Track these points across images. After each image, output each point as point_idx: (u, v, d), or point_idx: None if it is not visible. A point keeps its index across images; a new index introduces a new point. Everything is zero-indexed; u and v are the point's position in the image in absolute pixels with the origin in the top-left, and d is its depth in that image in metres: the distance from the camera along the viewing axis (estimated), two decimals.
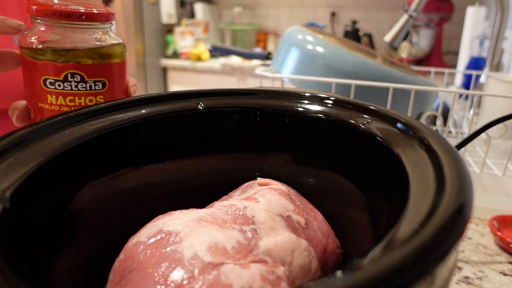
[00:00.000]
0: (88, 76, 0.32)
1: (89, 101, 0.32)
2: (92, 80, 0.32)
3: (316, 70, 0.60)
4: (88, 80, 0.32)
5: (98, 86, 0.32)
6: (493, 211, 0.49)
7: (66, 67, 0.31)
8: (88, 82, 0.32)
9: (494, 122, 0.45)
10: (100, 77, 0.32)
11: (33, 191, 0.21)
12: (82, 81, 0.31)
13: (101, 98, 0.33)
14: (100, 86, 0.32)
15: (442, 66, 1.93)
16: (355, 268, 0.13)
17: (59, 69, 0.31)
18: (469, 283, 0.36)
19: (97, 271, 0.24)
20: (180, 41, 2.33)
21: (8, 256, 0.16)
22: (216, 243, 0.21)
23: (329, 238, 0.28)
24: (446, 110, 0.86)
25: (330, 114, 0.30)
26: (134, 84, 0.37)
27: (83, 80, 0.31)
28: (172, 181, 0.32)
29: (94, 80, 0.32)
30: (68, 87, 0.31)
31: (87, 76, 0.32)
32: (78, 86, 0.31)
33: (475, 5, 1.26)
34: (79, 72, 0.31)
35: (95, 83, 0.32)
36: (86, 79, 0.31)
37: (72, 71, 0.31)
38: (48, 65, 0.31)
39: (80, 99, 0.32)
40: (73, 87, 0.31)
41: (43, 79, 0.31)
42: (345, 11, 2.38)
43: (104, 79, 0.32)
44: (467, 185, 0.17)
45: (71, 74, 0.31)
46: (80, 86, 0.31)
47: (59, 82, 0.31)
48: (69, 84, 0.31)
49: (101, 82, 0.32)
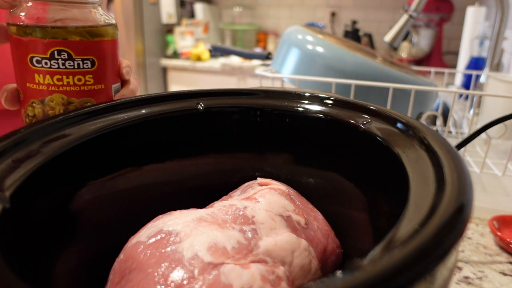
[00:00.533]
0: (76, 54, 0.31)
1: (77, 80, 0.31)
2: (80, 58, 0.31)
3: (316, 70, 0.60)
4: (76, 58, 0.31)
5: (86, 64, 0.31)
6: (493, 211, 0.49)
7: (52, 43, 0.30)
8: (76, 60, 0.31)
9: (494, 122, 0.45)
10: (89, 55, 0.31)
11: (33, 191, 0.21)
12: (69, 59, 0.30)
13: (90, 78, 0.32)
14: (88, 64, 0.31)
15: (442, 66, 1.93)
16: (355, 268, 0.13)
17: (45, 46, 0.30)
18: (469, 283, 0.36)
19: (97, 271, 0.24)
20: (180, 41, 2.33)
21: (8, 256, 0.16)
22: (216, 243, 0.21)
23: (329, 238, 0.28)
24: (446, 110, 0.86)
25: (330, 114, 0.30)
26: (127, 65, 0.35)
27: (71, 58, 0.30)
28: (172, 181, 0.32)
29: (82, 58, 0.31)
30: (55, 65, 0.30)
31: (75, 53, 0.30)
32: (66, 64, 0.30)
33: (475, 5, 1.26)
34: (66, 49, 0.30)
35: (83, 61, 0.31)
36: (74, 56, 0.30)
37: (58, 48, 0.30)
38: (35, 42, 0.30)
39: (68, 78, 0.31)
40: (60, 65, 0.30)
41: (30, 57, 0.30)
42: (345, 11, 2.38)
43: (93, 57, 0.31)
44: (467, 185, 0.17)
45: (57, 51, 0.30)
46: (67, 64, 0.30)
47: (46, 60, 0.30)
48: (56, 62, 0.30)
49: (90, 61, 0.31)
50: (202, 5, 2.55)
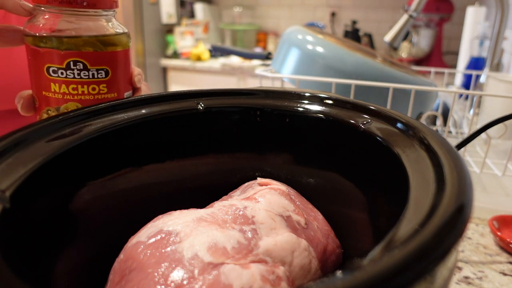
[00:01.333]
0: (91, 64, 0.32)
1: (92, 90, 0.32)
2: (94, 68, 0.32)
3: (316, 70, 0.60)
4: (90, 68, 0.32)
5: (101, 74, 0.32)
6: (493, 211, 0.49)
7: (68, 54, 0.31)
8: (91, 70, 0.32)
9: (494, 122, 0.45)
10: (103, 65, 0.32)
11: (33, 191, 0.21)
12: (84, 69, 0.31)
13: (104, 87, 0.33)
14: (103, 74, 0.32)
15: (442, 66, 1.93)
16: (355, 268, 0.13)
17: (62, 56, 0.31)
18: (469, 283, 0.36)
19: (97, 271, 0.24)
20: (180, 41, 2.33)
21: (8, 256, 0.16)
22: (216, 243, 0.21)
23: (329, 238, 0.28)
24: (446, 110, 0.86)
25: (330, 114, 0.30)
26: (139, 73, 0.36)
27: (86, 68, 0.31)
28: (172, 181, 0.32)
29: (97, 68, 0.32)
30: (71, 75, 0.31)
31: (90, 64, 0.32)
32: (81, 74, 0.31)
33: (475, 5, 1.26)
34: (82, 60, 0.31)
35: (98, 71, 0.32)
36: (89, 67, 0.31)
37: (74, 58, 0.31)
38: (51, 53, 0.31)
39: (83, 88, 0.32)
40: (75, 75, 0.31)
41: (46, 67, 0.31)
42: (345, 11, 2.38)
43: (107, 67, 0.32)
44: (467, 185, 0.17)
45: (73, 62, 0.31)
46: (82, 74, 0.31)
47: (62, 70, 0.31)
48: (72, 72, 0.31)
49: (104, 70, 0.32)
50: (202, 5, 2.55)
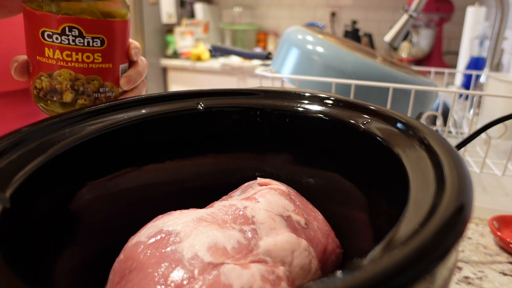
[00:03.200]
0: (86, 31, 0.31)
1: (86, 58, 0.32)
2: (90, 35, 0.31)
3: (316, 70, 0.60)
4: (86, 36, 0.31)
5: (96, 42, 0.32)
6: (493, 211, 0.49)
7: (64, 19, 0.30)
8: (86, 38, 0.31)
9: (494, 122, 0.45)
10: (99, 34, 0.32)
11: (33, 191, 0.21)
12: (80, 36, 0.31)
13: (99, 56, 0.32)
14: (98, 43, 0.32)
15: (442, 66, 1.93)
16: (355, 268, 0.13)
17: (58, 21, 0.30)
18: (469, 283, 0.36)
19: (97, 271, 0.24)
20: (180, 41, 2.33)
21: (8, 256, 0.16)
22: (216, 243, 0.21)
23: (329, 238, 0.28)
24: (446, 110, 0.86)
25: (330, 114, 0.30)
26: (136, 46, 0.36)
27: (81, 35, 0.31)
28: (172, 181, 0.32)
29: (93, 36, 0.32)
30: (66, 41, 0.31)
31: (86, 31, 0.31)
32: (76, 41, 0.31)
33: (475, 5, 1.26)
34: (77, 26, 0.31)
35: (93, 39, 0.32)
36: (84, 34, 0.31)
37: (70, 24, 0.31)
38: (47, 16, 0.30)
39: (77, 55, 0.32)
40: (70, 41, 0.31)
41: (42, 31, 0.31)
42: (345, 11, 2.38)
43: (103, 36, 0.32)
44: (467, 185, 0.17)
45: (69, 28, 0.31)
46: (77, 41, 0.31)
47: (57, 35, 0.31)
48: (67, 38, 0.31)
49: (100, 39, 0.32)
50: (202, 5, 2.55)
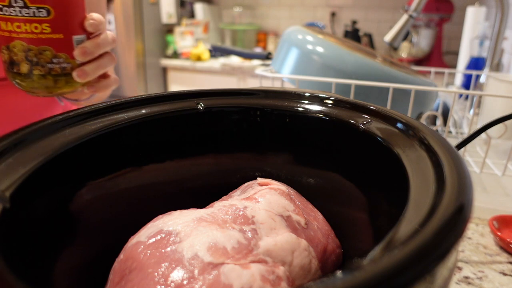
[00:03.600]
0: (31, 2, 0.32)
1: (34, 28, 0.33)
2: (34, 6, 0.32)
3: (316, 70, 0.60)
4: (30, 6, 0.32)
5: (42, 12, 0.33)
6: (493, 211, 0.49)
7: None
8: (31, 8, 0.32)
9: (494, 122, 0.45)
10: (43, 4, 0.33)
11: (33, 191, 0.21)
12: (25, 7, 0.32)
13: (47, 26, 0.33)
14: (44, 13, 0.33)
15: (442, 66, 1.93)
16: (355, 268, 0.13)
17: None
18: (469, 283, 0.36)
19: (97, 271, 0.24)
20: (180, 41, 2.33)
21: (8, 256, 0.16)
22: (216, 243, 0.21)
23: (329, 238, 0.28)
24: (446, 110, 0.86)
25: (330, 114, 0.30)
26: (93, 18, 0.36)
27: (26, 6, 0.32)
28: (172, 181, 0.32)
29: (37, 7, 0.32)
30: (14, 13, 0.32)
31: (30, 1, 0.32)
32: (22, 12, 0.32)
33: (475, 5, 1.26)
34: None
35: (38, 9, 0.32)
36: (29, 4, 0.32)
37: None
38: None
39: (26, 26, 0.32)
40: (17, 12, 0.32)
41: None
42: (345, 11, 2.38)
43: (48, 6, 0.33)
44: (467, 185, 0.17)
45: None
46: (24, 12, 0.32)
47: (6, 8, 0.32)
48: (14, 10, 0.32)
49: (45, 9, 0.33)
50: (202, 5, 2.55)
